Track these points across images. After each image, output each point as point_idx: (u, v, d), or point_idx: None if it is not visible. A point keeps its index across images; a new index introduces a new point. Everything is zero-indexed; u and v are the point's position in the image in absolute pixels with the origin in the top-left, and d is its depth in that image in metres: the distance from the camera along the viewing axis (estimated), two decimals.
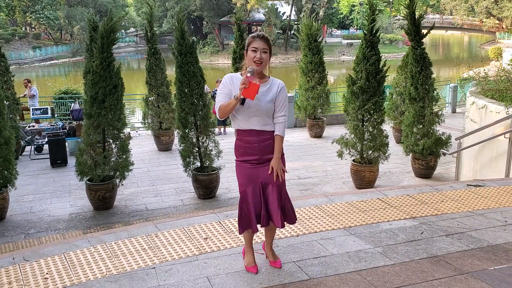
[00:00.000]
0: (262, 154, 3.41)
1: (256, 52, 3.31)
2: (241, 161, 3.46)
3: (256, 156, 3.41)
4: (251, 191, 3.41)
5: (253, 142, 3.40)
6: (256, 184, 3.42)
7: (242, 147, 3.44)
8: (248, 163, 3.43)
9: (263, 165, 3.43)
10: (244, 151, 3.44)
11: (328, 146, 10.81)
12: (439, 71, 39.51)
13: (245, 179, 3.44)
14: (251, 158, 3.42)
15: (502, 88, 8.13)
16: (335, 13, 63.85)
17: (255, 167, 3.42)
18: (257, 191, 3.42)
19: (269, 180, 3.42)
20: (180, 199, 7.89)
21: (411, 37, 8.46)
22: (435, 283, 3.43)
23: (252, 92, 3.17)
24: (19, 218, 7.09)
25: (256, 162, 3.42)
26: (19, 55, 51.63)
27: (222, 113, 3.35)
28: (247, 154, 3.43)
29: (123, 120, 7.38)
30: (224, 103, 3.33)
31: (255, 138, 3.39)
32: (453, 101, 16.80)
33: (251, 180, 3.42)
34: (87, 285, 3.50)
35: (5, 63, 10.66)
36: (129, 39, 77.46)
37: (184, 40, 7.62)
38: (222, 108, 3.33)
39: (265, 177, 3.42)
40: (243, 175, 3.45)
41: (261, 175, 3.42)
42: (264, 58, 3.32)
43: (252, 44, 3.34)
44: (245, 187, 3.44)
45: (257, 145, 3.40)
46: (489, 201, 5.21)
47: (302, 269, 3.65)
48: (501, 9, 58.79)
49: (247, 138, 3.41)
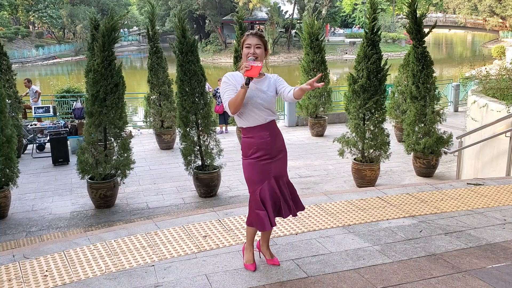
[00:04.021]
0: (274, 147, 3.47)
1: (250, 48, 3.39)
2: (255, 159, 3.45)
3: (270, 150, 3.45)
4: (267, 187, 3.43)
5: (266, 136, 3.44)
6: (271, 179, 3.45)
7: (255, 144, 3.44)
8: (261, 159, 3.44)
9: (275, 159, 3.48)
10: (257, 148, 3.44)
11: (329, 145, 10.82)
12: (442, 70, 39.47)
13: (259, 176, 3.44)
14: (265, 153, 3.44)
15: (503, 87, 8.13)
16: (338, 11, 63.73)
17: (268, 162, 3.45)
18: (274, 186, 3.46)
19: (281, 173, 3.51)
20: (181, 198, 7.91)
21: (412, 35, 8.44)
22: (432, 281, 3.43)
23: (255, 71, 3.24)
24: (20, 216, 7.13)
25: (269, 157, 3.45)
26: (22, 53, 51.71)
27: (233, 106, 3.34)
28: (260, 150, 3.44)
29: (124, 118, 7.40)
30: (233, 96, 3.35)
31: (267, 131, 3.44)
32: (455, 100, 16.76)
33: (266, 176, 3.44)
34: (86, 282, 3.52)
35: (7, 62, 10.69)
36: (131, 38, 77.56)
37: (185, 38, 7.63)
38: (232, 102, 3.33)
39: (277, 171, 3.48)
40: (257, 172, 3.45)
41: (273, 170, 3.47)
42: (258, 53, 3.38)
43: (246, 41, 3.42)
44: (260, 184, 3.44)
45: (269, 139, 3.45)
46: (488, 200, 5.21)
47: (300, 267, 3.67)
48: (505, 7, 58.63)
49: (260, 134, 3.44)
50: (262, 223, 3.43)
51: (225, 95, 3.40)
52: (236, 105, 3.32)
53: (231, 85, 3.39)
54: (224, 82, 3.44)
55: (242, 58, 3.46)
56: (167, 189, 8.38)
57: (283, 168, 3.54)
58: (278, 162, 3.50)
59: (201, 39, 56.66)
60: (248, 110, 3.40)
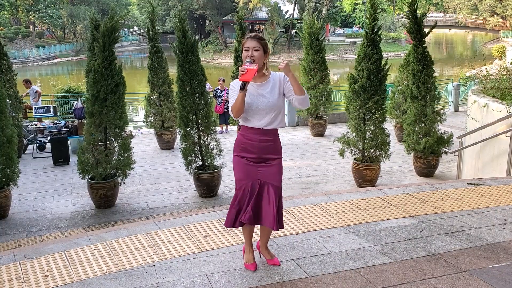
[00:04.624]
0: (261, 154, 3.47)
1: (248, 51, 3.39)
2: (240, 157, 3.51)
3: (255, 154, 3.47)
4: (249, 187, 3.44)
5: (255, 140, 3.45)
6: (256, 181, 3.45)
7: (243, 143, 3.50)
8: (246, 159, 3.48)
9: (261, 164, 3.47)
10: (244, 147, 3.49)
11: (330, 145, 10.81)
12: (442, 70, 39.45)
13: (243, 174, 3.48)
14: (249, 155, 3.47)
15: (503, 87, 8.12)
16: (338, 11, 63.62)
17: (253, 165, 3.47)
18: (256, 188, 3.44)
19: (268, 179, 3.45)
20: (182, 198, 7.91)
21: (413, 35, 8.44)
22: (433, 281, 3.43)
23: (250, 75, 3.26)
24: (21, 216, 7.13)
25: (255, 161, 3.47)
26: (22, 53, 51.71)
27: (234, 110, 3.38)
28: (246, 151, 3.49)
29: (124, 118, 7.40)
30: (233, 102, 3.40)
31: (258, 137, 3.45)
32: (455, 100, 16.75)
33: (250, 176, 3.45)
34: (87, 282, 3.52)
35: (7, 62, 10.69)
36: (132, 38, 77.56)
37: (186, 38, 7.63)
38: (233, 107, 3.39)
39: (264, 176, 3.46)
40: (241, 170, 3.49)
41: (259, 174, 3.46)
42: (256, 56, 3.38)
43: (245, 45, 3.43)
44: (243, 183, 3.46)
45: (257, 144, 3.45)
46: (489, 200, 5.21)
47: (301, 267, 3.67)
48: (505, 7, 58.57)
49: (250, 136, 3.47)
50: (228, 219, 3.52)
51: (230, 101, 3.47)
52: (237, 110, 3.36)
53: (236, 91, 3.43)
54: (230, 89, 3.51)
55: (243, 60, 3.47)
56: (167, 189, 8.39)
57: (273, 175, 3.46)
58: (267, 168, 3.46)
59: (202, 39, 56.64)
60: (250, 115, 3.44)
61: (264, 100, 3.41)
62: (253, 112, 3.42)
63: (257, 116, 3.43)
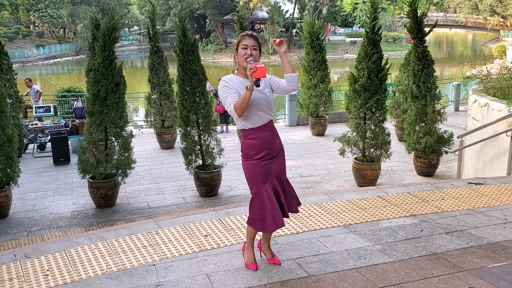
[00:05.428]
0: (275, 146, 3.51)
1: (246, 49, 3.38)
2: (258, 159, 3.44)
3: (271, 149, 3.48)
4: (270, 187, 3.44)
5: (268, 136, 3.47)
6: (273, 178, 3.48)
7: (258, 145, 3.44)
8: (264, 159, 3.45)
9: (275, 158, 3.51)
10: (260, 148, 3.44)
11: (330, 144, 10.81)
12: (443, 69, 39.44)
13: (262, 176, 3.44)
14: (267, 153, 3.46)
15: (504, 86, 8.12)
16: (339, 11, 63.59)
17: (270, 162, 3.47)
18: (277, 184, 3.48)
19: (282, 171, 3.55)
20: (182, 197, 7.91)
21: (413, 35, 8.44)
22: (433, 280, 3.43)
23: (263, 72, 3.25)
24: (21, 216, 7.13)
25: (271, 157, 3.47)
26: (22, 53, 51.70)
27: (239, 109, 3.31)
28: (263, 150, 3.44)
29: (125, 118, 7.40)
30: (238, 100, 3.33)
31: (268, 131, 3.47)
32: (456, 99, 16.75)
33: (268, 176, 3.46)
34: (88, 281, 3.52)
35: (7, 61, 10.69)
36: (132, 37, 77.55)
37: (186, 38, 7.63)
38: (238, 105, 3.30)
39: (278, 170, 3.51)
40: (260, 173, 3.44)
41: (275, 169, 3.49)
42: (254, 55, 3.39)
43: (242, 42, 3.41)
44: (263, 185, 3.44)
45: (271, 138, 3.48)
46: (489, 199, 5.20)
47: (302, 266, 3.67)
48: (505, 7, 58.57)
49: (262, 134, 3.45)
50: (265, 224, 3.43)
51: (227, 99, 3.36)
52: (243, 108, 3.30)
53: (232, 88, 3.37)
54: (224, 87, 3.40)
55: (237, 59, 3.47)
56: (168, 188, 8.39)
57: (283, 166, 3.59)
58: (279, 160, 3.54)
59: (202, 39, 56.64)
60: (252, 112, 3.40)
61: (264, 96, 3.43)
62: (255, 108, 3.38)
63: (260, 112, 3.42)
